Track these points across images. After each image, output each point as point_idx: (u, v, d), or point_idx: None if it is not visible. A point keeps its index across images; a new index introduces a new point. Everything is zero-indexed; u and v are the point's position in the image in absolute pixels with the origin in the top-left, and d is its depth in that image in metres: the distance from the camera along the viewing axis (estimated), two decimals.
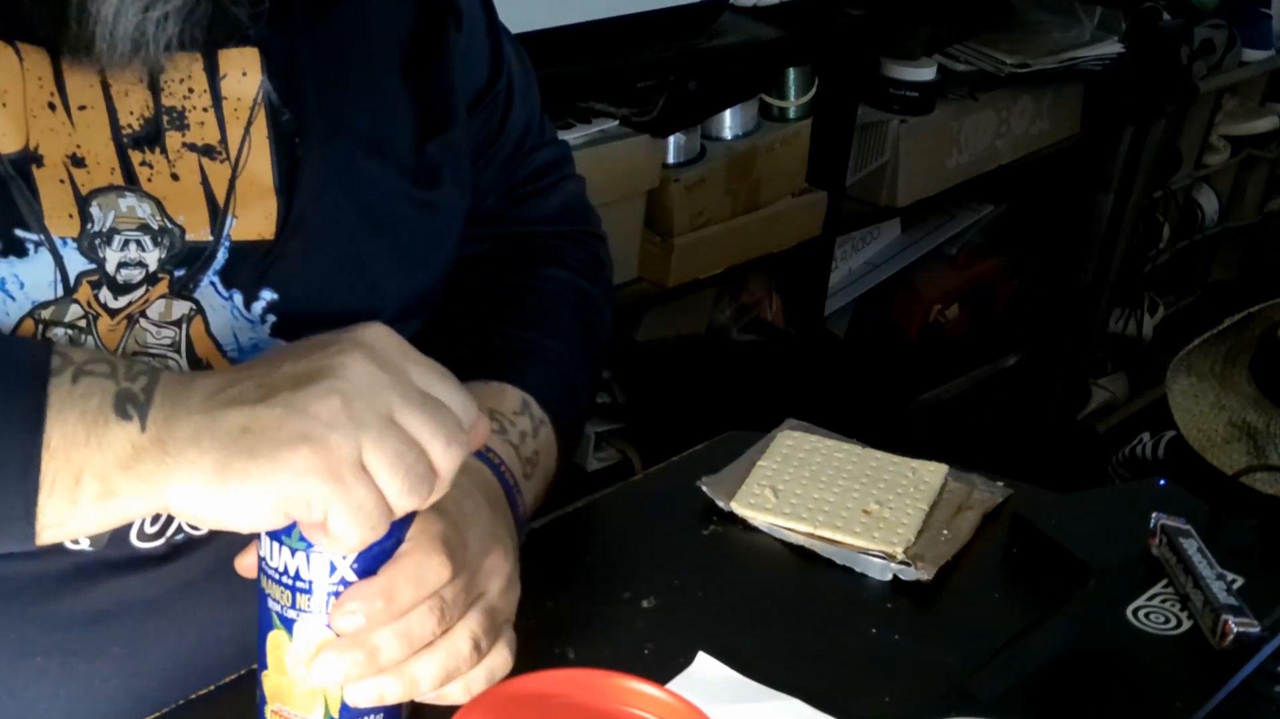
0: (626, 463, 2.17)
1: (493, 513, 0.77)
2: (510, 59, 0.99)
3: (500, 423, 0.86)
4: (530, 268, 1.00)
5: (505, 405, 0.88)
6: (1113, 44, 2.55)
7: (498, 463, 0.83)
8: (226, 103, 0.79)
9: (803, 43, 2.07)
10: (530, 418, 0.89)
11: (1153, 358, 2.94)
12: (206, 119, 0.79)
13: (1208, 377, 1.81)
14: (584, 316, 1.00)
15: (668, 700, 0.72)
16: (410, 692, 0.69)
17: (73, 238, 0.75)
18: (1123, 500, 1.06)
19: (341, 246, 0.84)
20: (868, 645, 0.85)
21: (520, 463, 0.85)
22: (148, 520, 0.79)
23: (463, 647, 0.70)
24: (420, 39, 0.89)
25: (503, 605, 0.75)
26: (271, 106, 0.80)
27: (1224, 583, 0.84)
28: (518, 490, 0.84)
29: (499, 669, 0.73)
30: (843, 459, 1.00)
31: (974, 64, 2.41)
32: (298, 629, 0.68)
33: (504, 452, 0.84)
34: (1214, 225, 3.19)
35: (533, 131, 1.02)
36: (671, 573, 0.90)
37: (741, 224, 2.07)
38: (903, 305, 2.69)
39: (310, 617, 0.68)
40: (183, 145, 0.78)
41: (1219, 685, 0.78)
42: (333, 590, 0.68)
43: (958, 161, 2.43)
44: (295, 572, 0.67)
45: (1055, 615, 0.86)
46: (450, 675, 0.70)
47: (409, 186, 0.87)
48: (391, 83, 0.87)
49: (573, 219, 1.06)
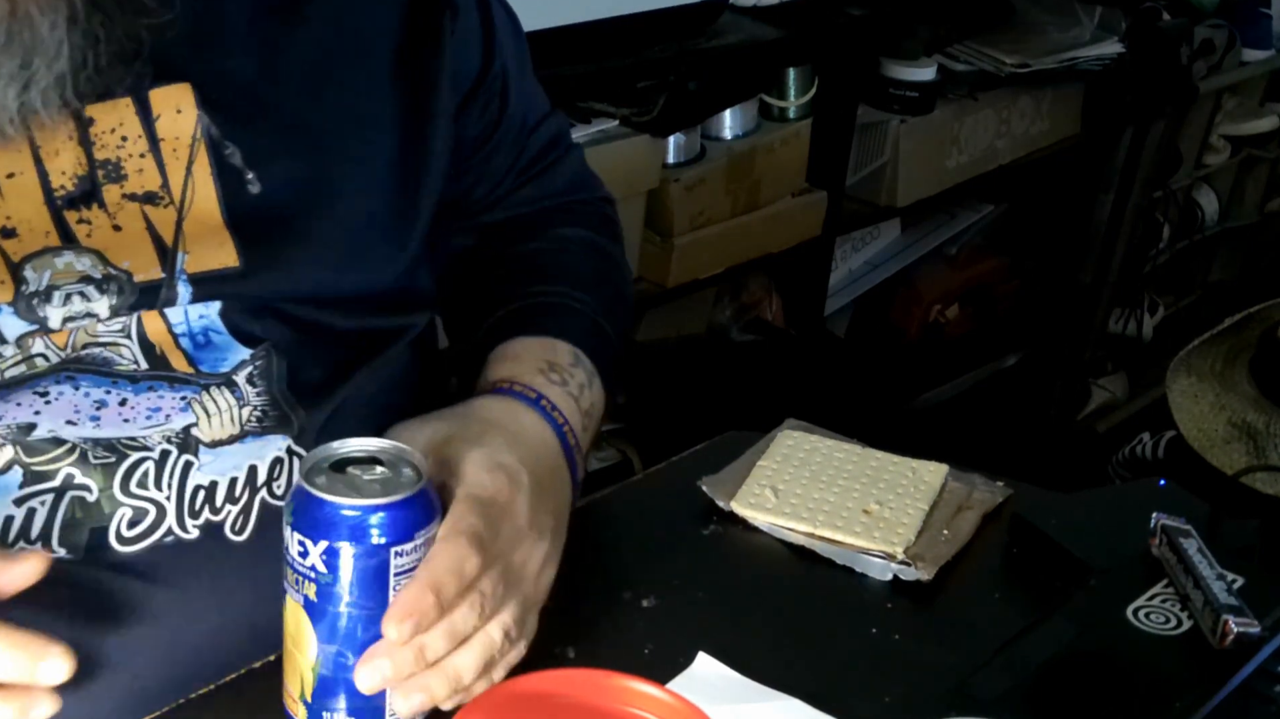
0: (626, 463, 2.17)
1: (537, 495, 0.78)
2: (504, 40, 0.96)
3: (561, 375, 0.86)
4: (547, 231, 1.00)
5: (560, 358, 0.88)
6: (1113, 44, 2.55)
7: (561, 423, 0.84)
8: (164, 144, 0.77)
9: (803, 43, 2.07)
10: (584, 369, 0.89)
11: (1153, 358, 2.94)
12: (145, 165, 0.77)
13: (1208, 377, 1.81)
14: (607, 272, 1.00)
15: (668, 700, 0.72)
16: (455, 687, 0.71)
17: (6, 302, 0.74)
18: (1123, 500, 1.07)
19: (312, 252, 0.82)
20: (868, 645, 0.85)
21: (580, 416, 0.86)
22: (124, 523, 0.79)
23: (497, 637, 0.72)
24: (414, 31, 0.87)
25: (535, 594, 0.77)
26: (213, 141, 0.78)
27: (1224, 583, 0.84)
28: (578, 449, 0.85)
29: (516, 658, 0.75)
30: (843, 459, 1.00)
31: (974, 64, 2.41)
32: (288, 600, 0.71)
33: (566, 406, 0.85)
34: (1214, 225, 3.19)
35: (534, 108, 1.01)
36: (671, 573, 0.90)
37: (741, 224, 2.07)
38: (903, 305, 2.69)
39: (292, 593, 0.71)
40: (122, 197, 0.76)
41: (1219, 685, 0.78)
42: (308, 570, 0.69)
43: (958, 161, 2.43)
44: (296, 552, 0.70)
45: (1055, 615, 0.86)
46: (488, 668, 0.72)
47: (389, 199, 0.86)
48: (375, 86, 0.85)
49: (581, 188, 1.06)
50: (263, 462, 0.83)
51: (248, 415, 0.82)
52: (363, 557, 0.69)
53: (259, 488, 0.83)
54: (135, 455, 0.79)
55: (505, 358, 0.89)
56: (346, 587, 0.69)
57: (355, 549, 0.68)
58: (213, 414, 0.81)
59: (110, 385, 0.79)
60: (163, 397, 0.80)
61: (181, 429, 0.80)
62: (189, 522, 0.81)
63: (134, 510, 0.79)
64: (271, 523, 0.82)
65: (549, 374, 0.87)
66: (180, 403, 0.80)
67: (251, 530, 0.82)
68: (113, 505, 0.79)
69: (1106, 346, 3.06)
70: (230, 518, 0.82)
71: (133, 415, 0.79)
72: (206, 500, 0.81)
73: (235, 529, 0.82)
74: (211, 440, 0.81)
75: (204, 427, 0.81)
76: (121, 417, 0.79)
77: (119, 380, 0.79)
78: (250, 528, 0.82)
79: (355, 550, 0.68)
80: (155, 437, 0.80)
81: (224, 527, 0.82)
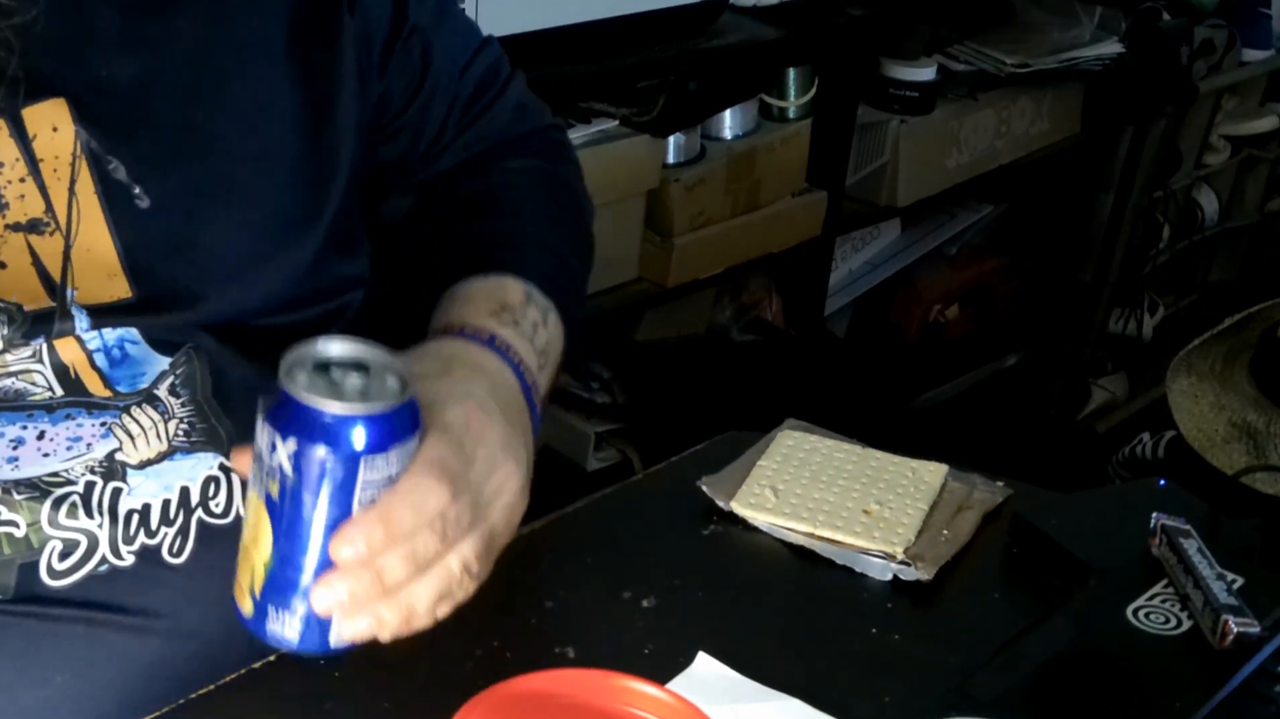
0: (626, 463, 2.17)
1: (507, 424, 0.75)
2: None
3: (513, 315, 0.83)
4: (491, 169, 0.96)
5: (511, 298, 0.84)
6: (1113, 44, 2.55)
7: (516, 362, 0.80)
8: (44, 165, 0.72)
9: (803, 43, 2.07)
10: (537, 307, 0.85)
11: (1153, 358, 2.93)
12: (26, 189, 0.72)
13: (1208, 377, 1.81)
14: (558, 199, 0.97)
15: (668, 700, 0.72)
16: (405, 618, 0.68)
17: None
18: (1123, 500, 1.07)
19: (214, 266, 0.79)
20: (868, 645, 0.85)
21: (535, 355, 0.83)
22: (55, 556, 0.77)
23: (455, 569, 0.69)
24: (306, 3, 0.82)
25: (503, 528, 0.73)
26: (94, 156, 0.73)
27: (1224, 583, 0.84)
28: (535, 389, 0.81)
29: (465, 596, 0.71)
30: (843, 459, 1.00)
31: (974, 64, 2.41)
32: (250, 493, 0.68)
33: (520, 346, 0.81)
34: (1214, 225, 3.19)
35: (463, 48, 0.96)
36: (671, 573, 0.90)
37: (741, 224, 2.07)
38: (903, 305, 2.69)
39: (255, 487, 0.67)
40: (5, 228, 0.72)
41: (1219, 685, 0.78)
42: (274, 467, 0.66)
43: (958, 161, 2.43)
44: (265, 445, 0.66)
45: (1055, 615, 0.86)
46: (443, 599, 0.69)
47: (296, 192, 0.82)
48: (268, 72, 0.80)
49: (524, 119, 1.00)
50: (194, 483, 0.81)
51: (174, 429, 0.80)
52: (330, 463, 0.65)
53: (194, 508, 0.81)
54: (59, 491, 0.77)
55: (454, 300, 0.85)
56: (310, 490, 0.65)
57: (322, 454, 0.64)
58: (136, 435, 0.79)
59: (26, 420, 0.76)
60: (81, 424, 0.77)
61: (105, 456, 0.78)
62: (123, 548, 0.79)
63: (64, 543, 0.77)
64: (211, 542, 0.81)
65: (500, 316, 0.83)
66: (100, 429, 0.78)
67: (190, 553, 0.81)
68: (41, 539, 0.77)
69: (1106, 346, 3.06)
70: (167, 540, 0.80)
71: (52, 448, 0.77)
72: (141, 524, 0.79)
73: (173, 551, 0.80)
74: (139, 461, 0.79)
75: (129, 449, 0.79)
76: (41, 451, 0.77)
77: (34, 413, 0.76)
78: (189, 549, 0.81)
79: (322, 455, 0.64)
80: (78, 468, 0.77)
81: (160, 550, 0.80)
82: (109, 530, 0.78)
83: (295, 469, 0.65)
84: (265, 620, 0.68)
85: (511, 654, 0.81)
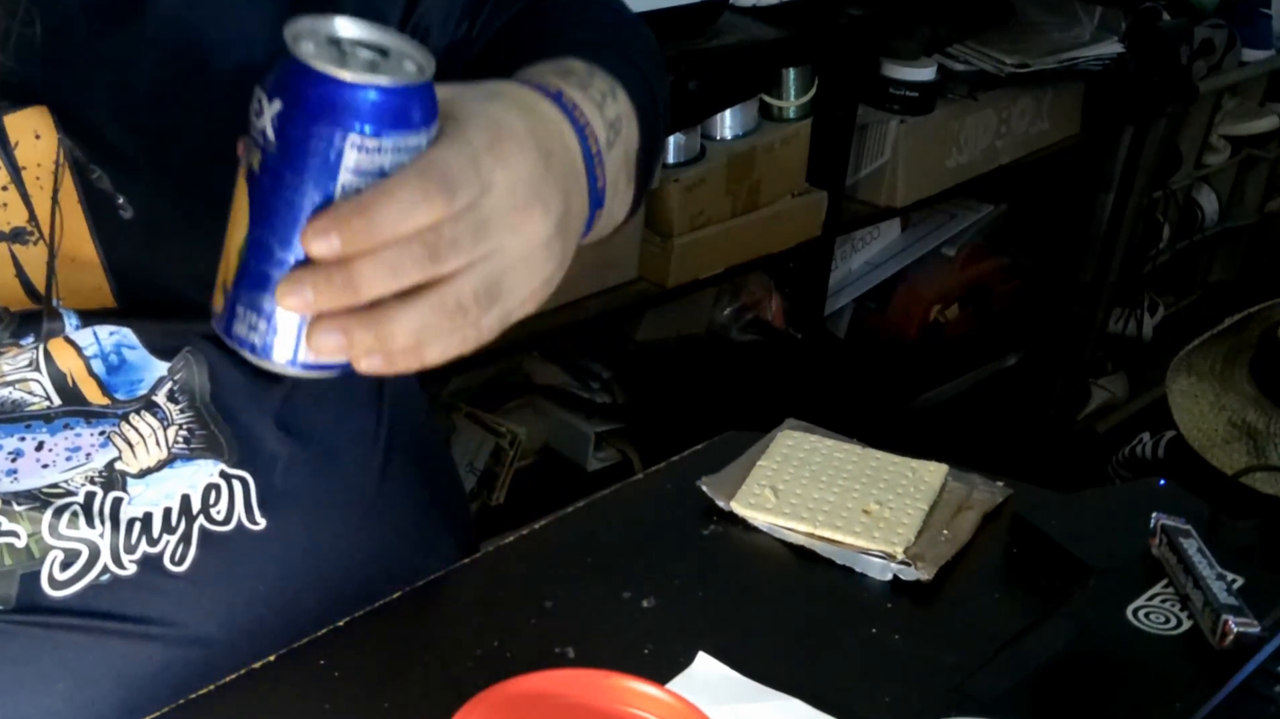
0: (626, 463, 2.17)
1: (547, 168, 0.63)
2: None
3: (579, 80, 0.71)
4: (529, 17, 0.86)
5: (575, 66, 0.73)
6: (1113, 44, 2.55)
7: (583, 124, 0.69)
8: (27, 173, 0.70)
9: (803, 43, 2.07)
10: (605, 79, 0.74)
11: (1153, 358, 2.94)
12: (9, 198, 0.71)
13: (1208, 376, 1.82)
14: (619, 12, 0.88)
15: (668, 700, 0.72)
16: (380, 343, 0.59)
17: None
18: (1123, 500, 1.07)
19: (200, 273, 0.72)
20: (868, 645, 0.85)
21: (604, 126, 0.71)
22: (57, 566, 0.77)
23: (448, 302, 0.59)
24: None
25: (514, 283, 0.62)
26: (77, 165, 0.71)
27: (1224, 583, 0.84)
28: (599, 161, 0.69)
29: (461, 346, 0.61)
30: (843, 459, 1.00)
31: (974, 64, 2.41)
32: (239, 171, 0.61)
33: (588, 109, 0.70)
34: (1214, 225, 3.19)
35: None
36: (671, 573, 0.90)
37: (741, 224, 2.07)
38: (903, 305, 2.69)
39: (241, 161, 0.60)
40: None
41: (1219, 685, 0.78)
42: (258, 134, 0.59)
43: (958, 161, 2.43)
44: (253, 110, 0.59)
45: (1055, 615, 0.86)
46: (429, 337, 0.59)
47: None
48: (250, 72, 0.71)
49: None
50: (195, 490, 0.80)
51: (173, 436, 0.79)
52: (315, 133, 0.57)
53: (195, 515, 0.80)
54: (59, 502, 0.77)
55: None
56: (290, 166, 0.58)
57: (309, 121, 0.57)
58: (135, 443, 0.78)
59: (24, 431, 0.76)
60: (80, 434, 0.77)
61: (104, 466, 0.78)
62: (125, 557, 0.78)
63: (66, 552, 0.77)
64: (213, 549, 0.80)
65: (566, 78, 0.71)
66: (99, 438, 0.77)
67: (192, 560, 0.80)
68: (43, 549, 0.77)
69: (1106, 346, 3.06)
70: (169, 548, 0.79)
71: (51, 459, 0.76)
72: (143, 532, 0.79)
73: (175, 559, 0.80)
74: (139, 470, 0.78)
75: (128, 458, 0.78)
76: (40, 462, 0.76)
77: (32, 424, 0.76)
78: (191, 557, 0.80)
79: (308, 122, 0.57)
80: (78, 478, 0.77)
81: (162, 558, 0.79)
82: (110, 539, 0.78)
83: (277, 136, 0.58)
84: (233, 320, 0.61)
85: (511, 654, 0.81)
